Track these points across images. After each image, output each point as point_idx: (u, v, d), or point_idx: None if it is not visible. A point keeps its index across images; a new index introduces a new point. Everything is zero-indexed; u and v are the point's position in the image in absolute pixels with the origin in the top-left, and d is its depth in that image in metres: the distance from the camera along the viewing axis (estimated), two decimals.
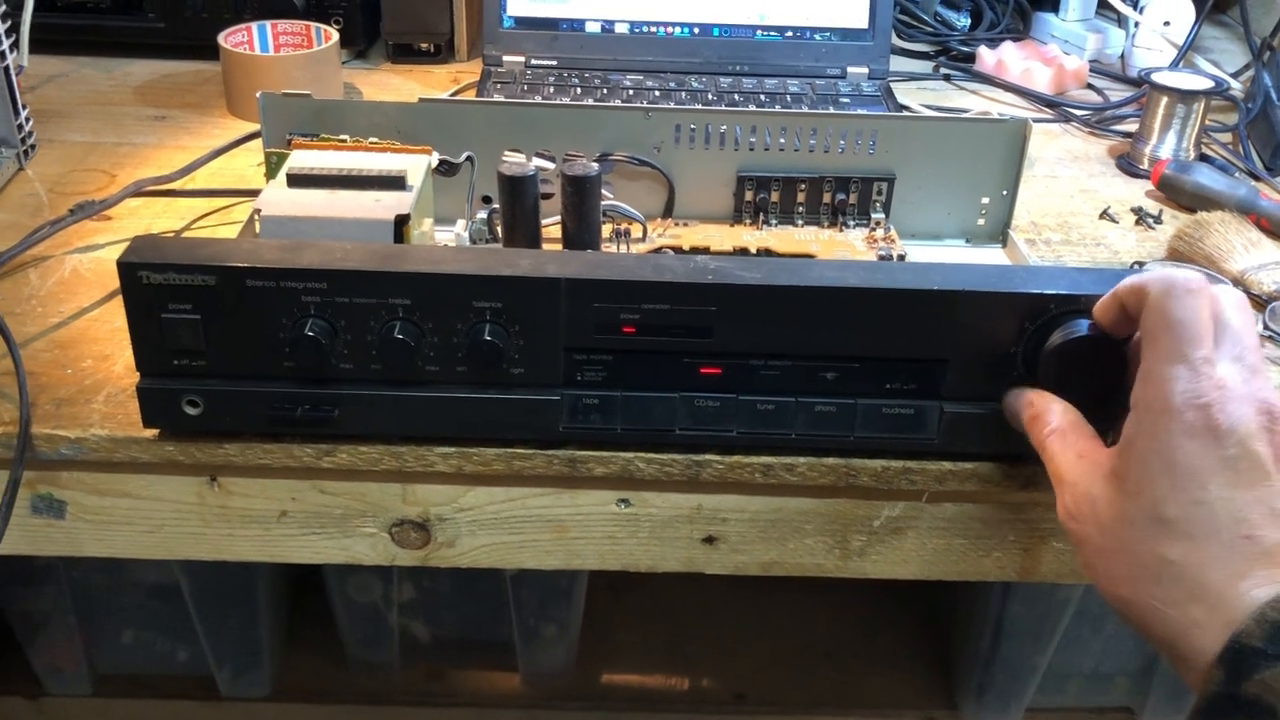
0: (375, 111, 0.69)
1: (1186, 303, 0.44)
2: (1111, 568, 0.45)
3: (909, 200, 0.72)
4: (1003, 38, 1.12)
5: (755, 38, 1.00)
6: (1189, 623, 0.42)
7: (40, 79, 0.98)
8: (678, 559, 0.61)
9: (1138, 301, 0.46)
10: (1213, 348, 0.44)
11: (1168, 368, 0.44)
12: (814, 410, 0.55)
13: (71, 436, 0.55)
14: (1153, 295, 0.45)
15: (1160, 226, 0.80)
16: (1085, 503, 0.46)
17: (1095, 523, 0.46)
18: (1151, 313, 0.45)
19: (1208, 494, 0.42)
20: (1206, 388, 0.43)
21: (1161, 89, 0.87)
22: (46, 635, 1.09)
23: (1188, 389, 0.43)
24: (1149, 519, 0.44)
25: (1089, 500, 0.46)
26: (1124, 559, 0.44)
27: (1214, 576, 0.42)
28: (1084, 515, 0.46)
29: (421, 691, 1.16)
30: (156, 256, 0.50)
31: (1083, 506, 0.46)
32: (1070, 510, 0.47)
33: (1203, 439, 0.43)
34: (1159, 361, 0.44)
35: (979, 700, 1.15)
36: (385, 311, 0.51)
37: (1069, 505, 0.47)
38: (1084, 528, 0.46)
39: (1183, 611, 0.42)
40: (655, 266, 0.52)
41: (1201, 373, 0.43)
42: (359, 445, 0.55)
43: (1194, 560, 0.42)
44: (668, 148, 0.70)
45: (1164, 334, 0.44)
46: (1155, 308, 0.45)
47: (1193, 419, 0.43)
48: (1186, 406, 0.43)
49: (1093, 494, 0.46)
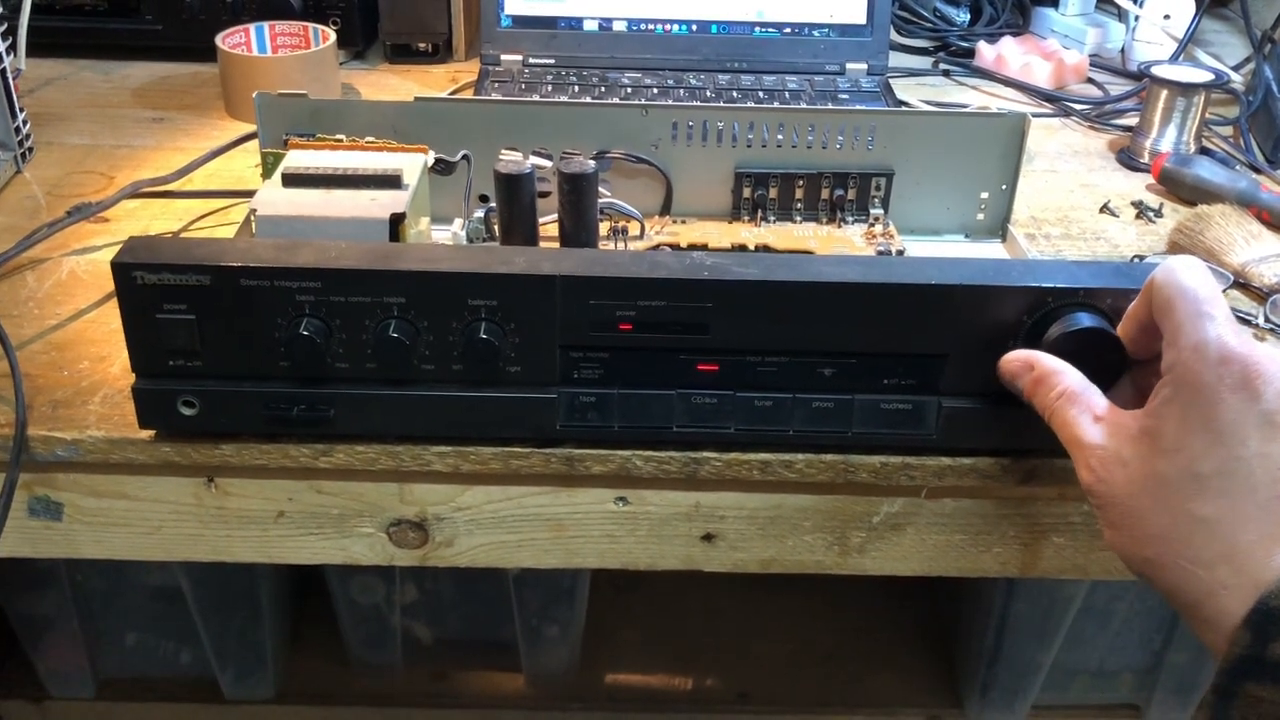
0: (371, 111, 0.69)
1: (1192, 272, 0.45)
2: (1139, 528, 0.44)
3: (908, 196, 0.72)
4: (1002, 33, 1.12)
5: (753, 34, 1.00)
6: (1216, 584, 0.42)
7: (38, 82, 0.98)
8: (676, 557, 0.61)
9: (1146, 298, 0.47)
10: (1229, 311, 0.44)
11: (1196, 325, 0.43)
12: (812, 406, 0.54)
13: (68, 438, 0.55)
14: (1158, 276, 0.46)
15: (1161, 220, 0.80)
16: (1114, 464, 0.45)
17: (1126, 483, 0.45)
18: (1160, 289, 0.45)
19: (1246, 449, 0.42)
20: (1238, 342, 0.43)
21: (1162, 82, 0.86)
22: (50, 638, 1.09)
23: (1220, 343, 0.43)
24: (1185, 475, 0.43)
25: (1119, 461, 0.45)
26: (1154, 518, 0.44)
27: (1246, 537, 0.42)
28: (1113, 476, 0.45)
29: (425, 693, 1.16)
30: (150, 257, 0.50)
31: (1112, 468, 0.45)
32: (1096, 472, 0.46)
33: (1242, 393, 0.42)
34: (1185, 323, 0.44)
35: (983, 698, 1.15)
36: (380, 310, 0.51)
37: (1095, 467, 0.46)
38: (1111, 489, 0.45)
39: (1211, 572, 0.42)
40: (651, 263, 0.52)
41: (1228, 328, 0.43)
42: (355, 445, 0.55)
43: (1227, 519, 0.42)
44: (665, 145, 0.70)
45: (1179, 299, 0.44)
46: (1162, 284, 0.45)
47: (1231, 372, 0.42)
48: (1224, 359, 0.42)
49: (1123, 455, 0.45)
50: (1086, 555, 0.61)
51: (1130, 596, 1.07)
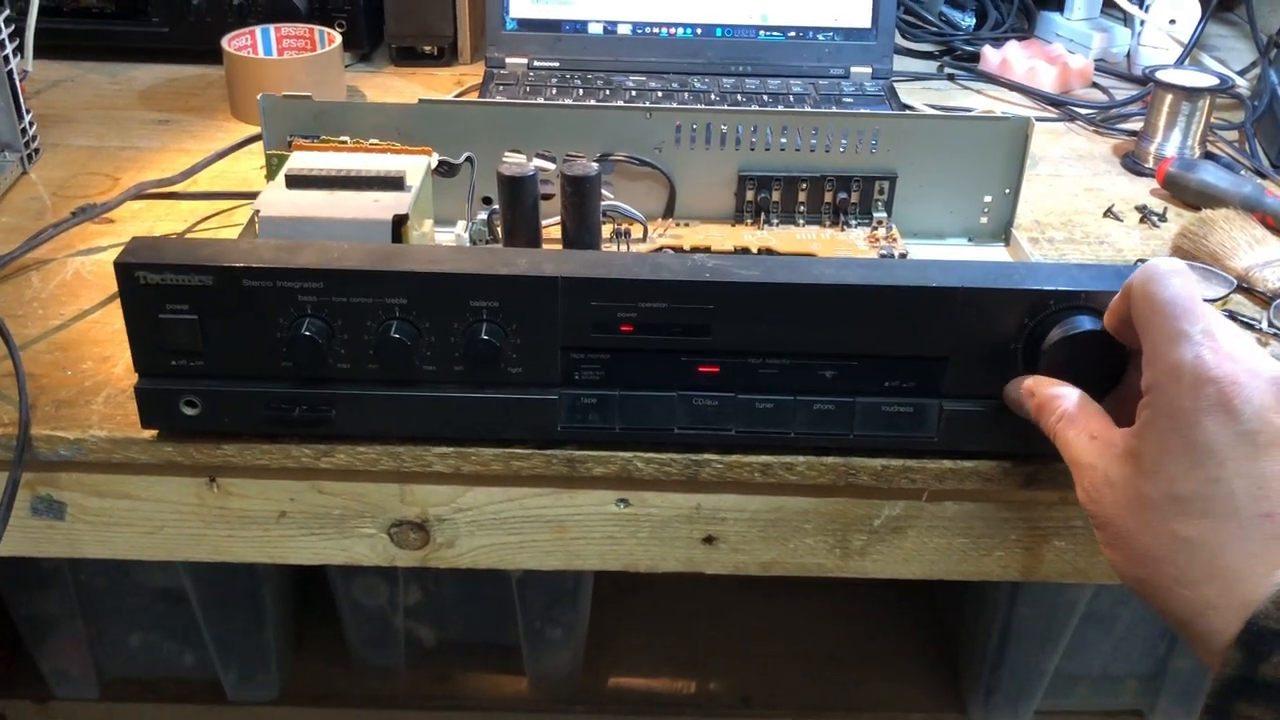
0: (376, 113, 0.69)
1: (1170, 281, 0.44)
2: (1130, 548, 0.44)
3: (911, 199, 0.71)
4: (1007, 37, 1.12)
5: (758, 38, 1.00)
6: (1205, 603, 0.42)
7: (45, 83, 0.98)
8: (677, 559, 0.61)
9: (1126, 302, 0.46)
10: (1210, 320, 0.43)
11: (1170, 347, 0.43)
12: (813, 409, 0.54)
13: (71, 438, 0.55)
14: (1135, 286, 0.45)
15: (1165, 225, 0.80)
16: (1103, 484, 0.46)
17: (1114, 504, 0.45)
18: (1138, 301, 0.45)
19: (1225, 471, 0.42)
20: (1215, 360, 0.42)
21: (1166, 87, 0.86)
22: (53, 639, 1.10)
23: (1195, 365, 0.42)
24: (1166, 497, 0.43)
25: (1106, 482, 0.45)
26: (1142, 539, 0.44)
27: (1231, 556, 0.41)
28: (1103, 497, 0.46)
29: (428, 695, 1.17)
30: (153, 257, 0.50)
31: (1101, 488, 0.46)
32: (1089, 493, 0.46)
33: (1218, 414, 0.42)
34: (1161, 343, 0.44)
35: (987, 703, 1.14)
36: (382, 311, 0.51)
37: (1087, 488, 0.47)
38: (1103, 509, 0.46)
39: (1199, 592, 0.42)
40: (653, 265, 0.52)
41: (1205, 345, 0.43)
42: (357, 445, 0.55)
43: (1211, 539, 0.42)
44: (668, 147, 0.70)
45: (1155, 315, 0.44)
46: (1139, 295, 0.45)
47: (1207, 394, 0.42)
48: (1199, 382, 0.42)
49: (1110, 475, 0.45)
50: (1088, 559, 0.60)
51: (1134, 602, 1.07)
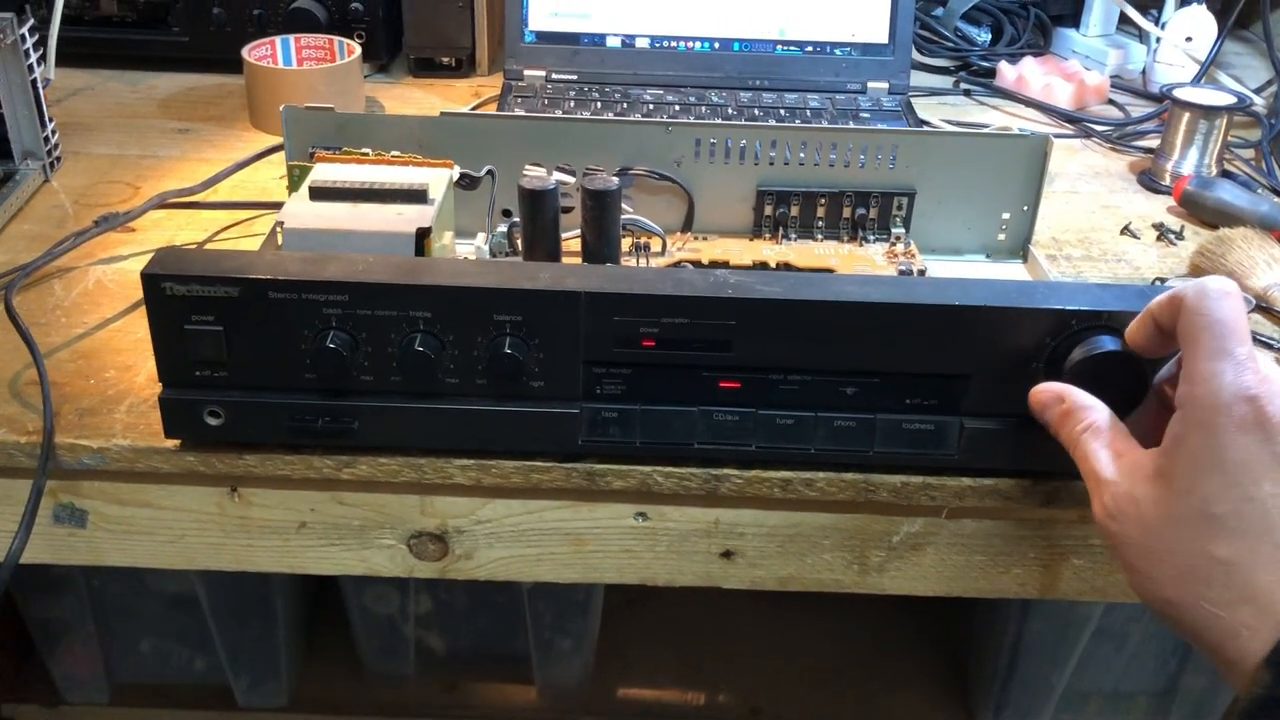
0: (397, 125, 0.69)
1: (1224, 303, 0.44)
2: (1156, 570, 0.44)
3: (929, 215, 0.72)
4: (1023, 53, 1.12)
5: (775, 52, 1.00)
6: (1238, 624, 0.42)
7: (66, 92, 0.99)
8: (695, 573, 0.61)
9: (1173, 311, 0.46)
10: (1251, 347, 0.44)
11: (1213, 364, 0.43)
12: (833, 425, 0.54)
13: (94, 446, 0.55)
14: (1190, 298, 0.45)
15: (1182, 243, 0.80)
16: (1128, 503, 0.45)
17: (1139, 523, 0.45)
18: (1189, 314, 0.45)
19: (1260, 490, 0.42)
20: (1254, 381, 0.43)
21: (1183, 105, 0.86)
22: (65, 644, 1.10)
23: (1235, 382, 0.43)
24: (1199, 517, 0.43)
25: (1131, 500, 0.45)
26: (1171, 560, 0.44)
27: (1266, 578, 0.41)
28: (1126, 515, 0.45)
29: (437, 703, 1.17)
30: (180, 268, 0.51)
31: (1124, 506, 0.45)
32: (1110, 510, 0.46)
33: (1254, 433, 0.42)
34: (1202, 359, 0.44)
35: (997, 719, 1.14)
36: (406, 324, 0.51)
37: (1108, 505, 0.46)
38: (1125, 529, 0.45)
39: (1232, 613, 0.42)
40: (675, 280, 0.52)
41: (1247, 367, 0.43)
42: (378, 457, 0.56)
43: (1245, 560, 0.42)
44: (688, 162, 0.70)
45: (1204, 332, 0.44)
46: (1193, 309, 0.45)
47: (1243, 413, 0.42)
48: (1236, 400, 0.42)
49: (1136, 494, 0.45)
50: (1106, 578, 0.61)
51: (1146, 619, 1.06)
